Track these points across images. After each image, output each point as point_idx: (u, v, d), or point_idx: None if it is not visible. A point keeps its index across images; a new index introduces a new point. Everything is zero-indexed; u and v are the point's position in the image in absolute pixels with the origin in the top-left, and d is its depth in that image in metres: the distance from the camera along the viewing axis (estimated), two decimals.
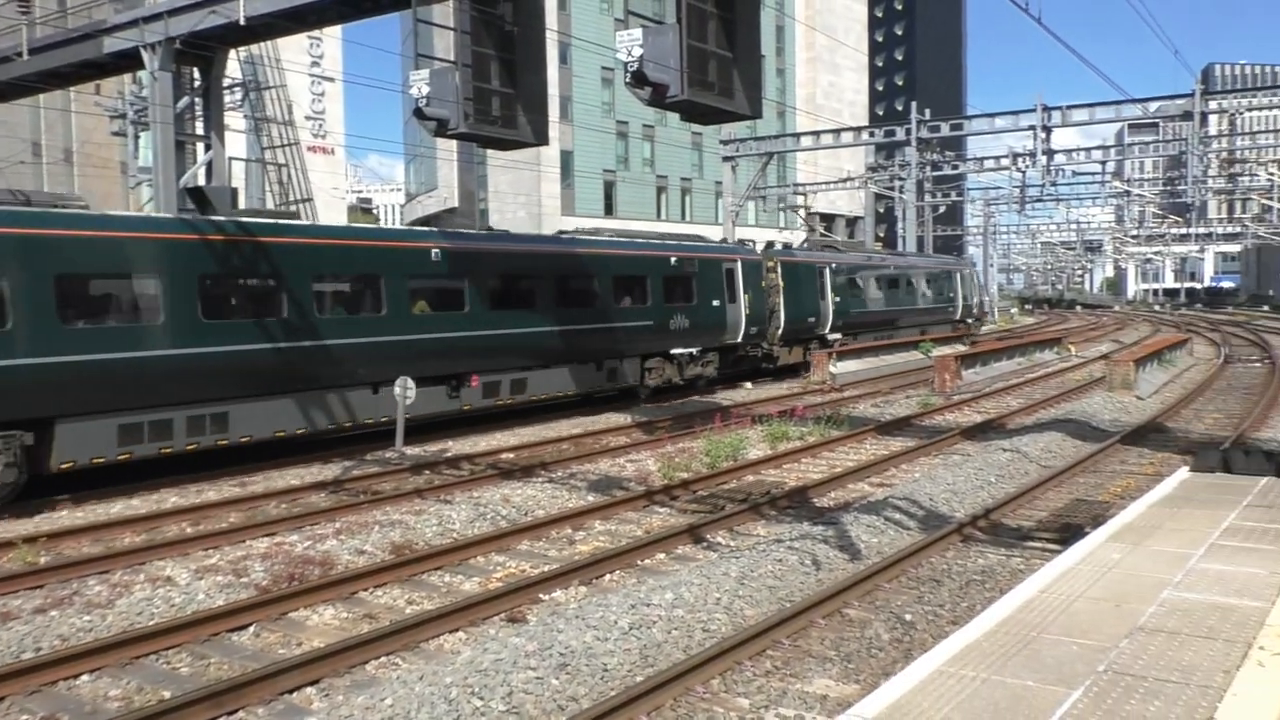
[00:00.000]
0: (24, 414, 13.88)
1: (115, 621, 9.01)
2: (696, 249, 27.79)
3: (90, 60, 20.20)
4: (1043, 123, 37.44)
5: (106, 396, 14.69)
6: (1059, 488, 14.48)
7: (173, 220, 16.49)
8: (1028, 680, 5.57)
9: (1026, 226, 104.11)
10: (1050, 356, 36.98)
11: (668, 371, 26.12)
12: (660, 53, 12.08)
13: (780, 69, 75.69)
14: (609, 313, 23.89)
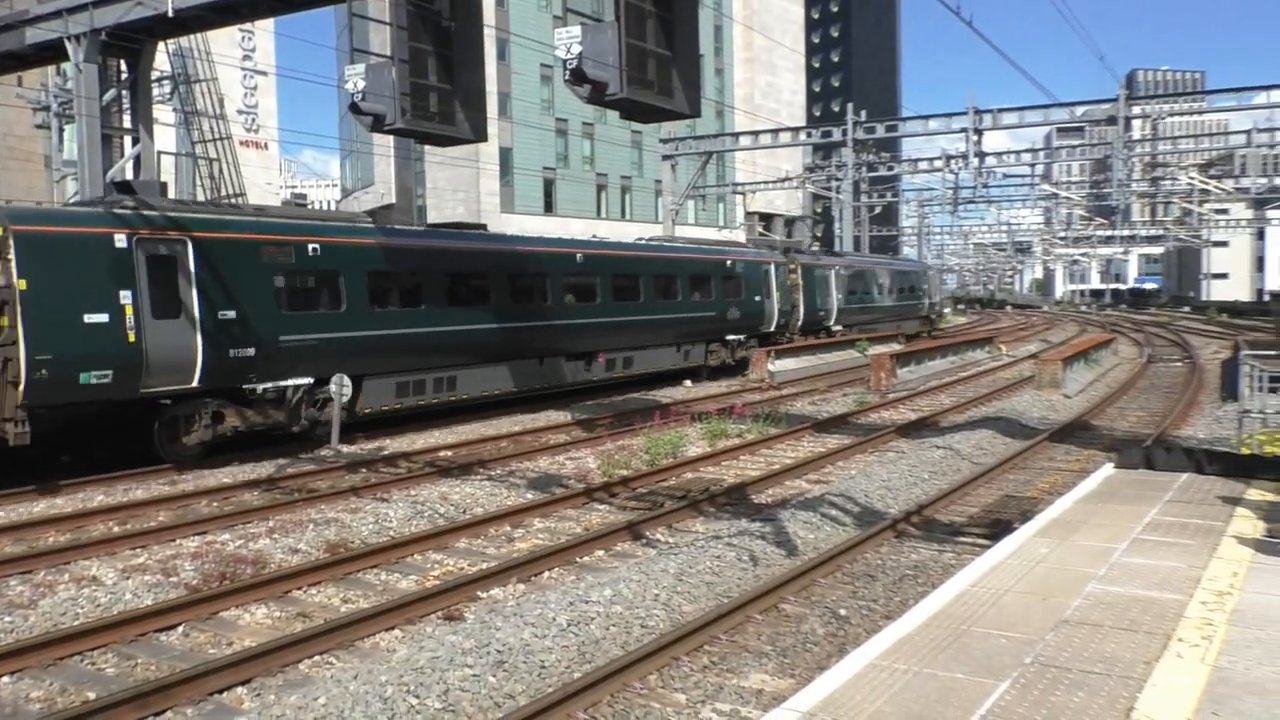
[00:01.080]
0: (350, 372, 18.54)
1: (38, 622, 8.80)
2: (743, 253, 33.91)
3: (12, 51, 19.68)
4: (974, 125, 38.22)
5: (390, 361, 19.70)
6: (989, 484, 14.77)
7: (426, 231, 23.03)
8: (958, 673, 5.68)
9: (959, 227, 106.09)
10: (982, 356, 37.70)
11: (723, 354, 31.50)
12: (599, 50, 12.10)
13: (719, 69, 76.07)
14: (688, 305, 29.48)
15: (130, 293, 15.38)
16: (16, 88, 36.46)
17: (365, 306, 19.12)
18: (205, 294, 16.41)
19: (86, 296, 14.92)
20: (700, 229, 64.10)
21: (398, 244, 20.31)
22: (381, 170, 66.28)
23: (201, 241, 16.46)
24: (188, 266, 16.20)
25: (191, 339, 16.15)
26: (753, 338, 33.05)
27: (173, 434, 16.41)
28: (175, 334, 15.96)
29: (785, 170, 66.64)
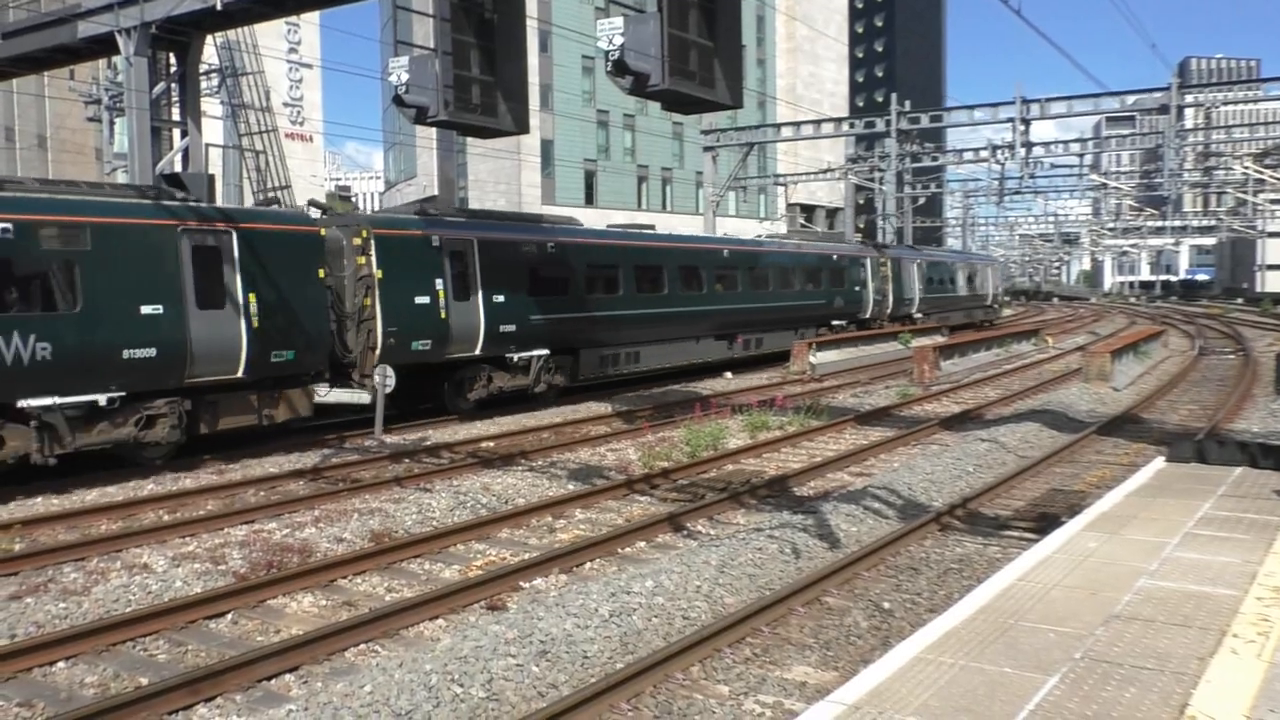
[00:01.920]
0: (569, 347, 23.26)
1: (91, 609, 8.95)
2: (846, 249, 38.95)
3: (64, 45, 20.00)
4: (1021, 115, 37.72)
5: (597, 337, 24.26)
6: (1036, 478, 14.59)
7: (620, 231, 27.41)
8: (1005, 667, 5.62)
9: (1005, 218, 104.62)
10: (1028, 348, 37.24)
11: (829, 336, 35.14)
12: (641, 41, 12.06)
13: (760, 59, 75.70)
14: (805, 295, 34.29)
15: (441, 281, 19.98)
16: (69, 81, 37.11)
17: (583, 294, 23.97)
18: (487, 282, 20.98)
19: (417, 284, 19.47)
20: (741, 221, 63.92)
21: (603, 243, 25.40)
22: (424, 162, 66.73)
23: (483, 242, 21.05)
24: (476, 261, 20.79)
25: (478, 317, 20.75)
26: (853, 323, 37.48)
27: (459, 390, 21.11)
28: (468, 313, 20.53)
29: (827, 161, 66.20)
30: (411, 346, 19.21)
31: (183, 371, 15.63)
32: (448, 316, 19.88)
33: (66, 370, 14.22)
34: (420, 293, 19.44)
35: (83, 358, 14.37)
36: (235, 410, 16.83)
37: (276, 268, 16.98)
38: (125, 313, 14.92)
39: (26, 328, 13.81)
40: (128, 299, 14.96)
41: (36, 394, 13.98)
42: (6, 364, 13.55)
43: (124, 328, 14.87)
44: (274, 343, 16.83)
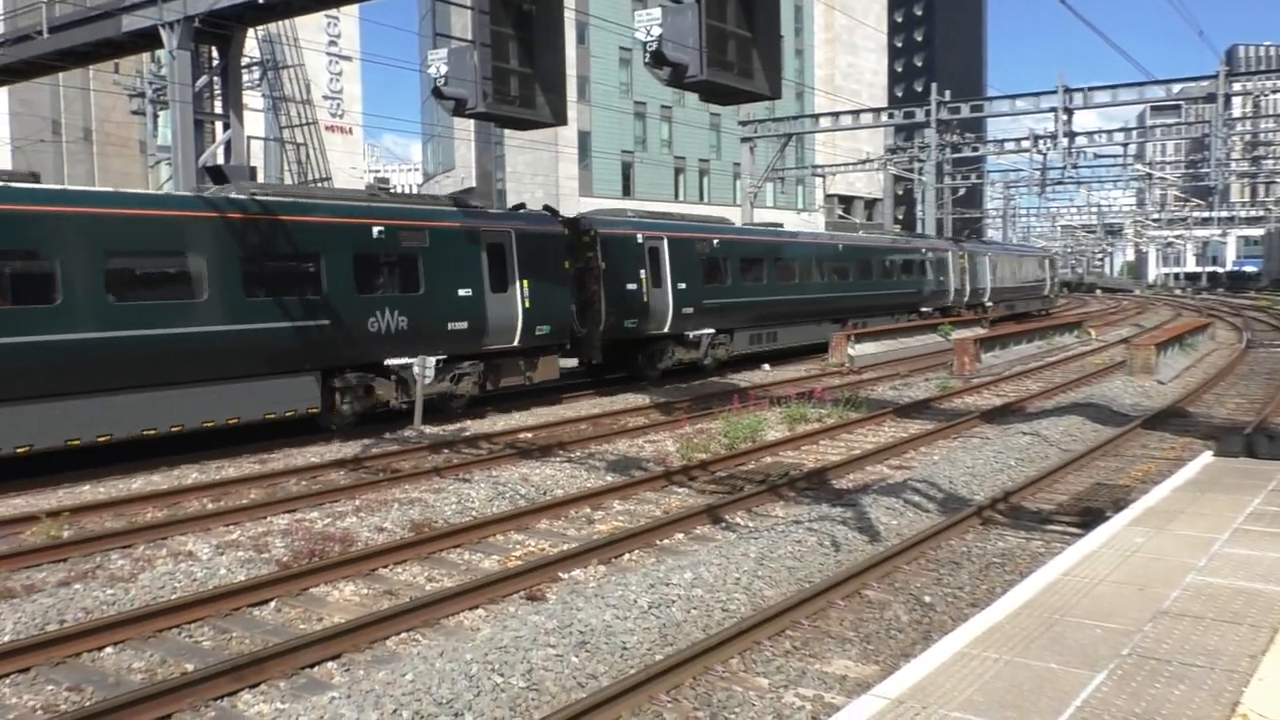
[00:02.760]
0: (727, 327, 27.60)
1: (138, 595, 9.08)
2: (933, 243, 43.40)
3: (109, 39, 20.25)
4: (1064, 104, 37.24)
5: (745, 320, 28.45)
6: (1079, 471, 14.41)
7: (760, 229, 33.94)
8: (1051, 663, 5.55)
9: (1046, 209, 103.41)
10: (1070, 340, 36.79)
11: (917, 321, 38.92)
12: (679, 32, 12.00)
13: (799, 49, 75.23)
14: (902, 283, 38.65)
15: (644, 271, 24.39)
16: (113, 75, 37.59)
17: (739, 283, 28.28)
18: (674, 273, 25.32)
19: (628, 274, 23.94)
20: (778, 212, 63.60)
21: (752, 239, 30.35)
22: (462, 154, 67.01)
23: (671, 240, 25.61)
24: (666, 256, 25.31)
25: (668, 301, 25.10)
26: (936, 309, 41.33)
27: (650, 361, 25.56)
28: (661, 298, 24.98)
29: (866, 152, 65.73)
30: (624, 324, 23.96)
31: (481, 341, 20.03)
32: (648, 300, 24.52)
33: (415, 338, 18.55)
34: (630, 281, 24.03)
35: (425, 328, 18.78)
36: (511, 372, 21.19)
37: (539, 261, 21.19)
38: (450, 295, 19.32)
39: (392, 305, 18.32)
40: (452, 284, 19.33)
41: (396, 355, 18.36)
42: (380, 332, 18.02)
43: (449, 306, 19.31)
44: (538, 320, 21.04)
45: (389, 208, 18.68)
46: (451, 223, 19.64)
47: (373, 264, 18.21)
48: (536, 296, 20.87)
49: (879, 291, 36.49)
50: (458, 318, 19.35)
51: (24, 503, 12.96)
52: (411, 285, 18.70)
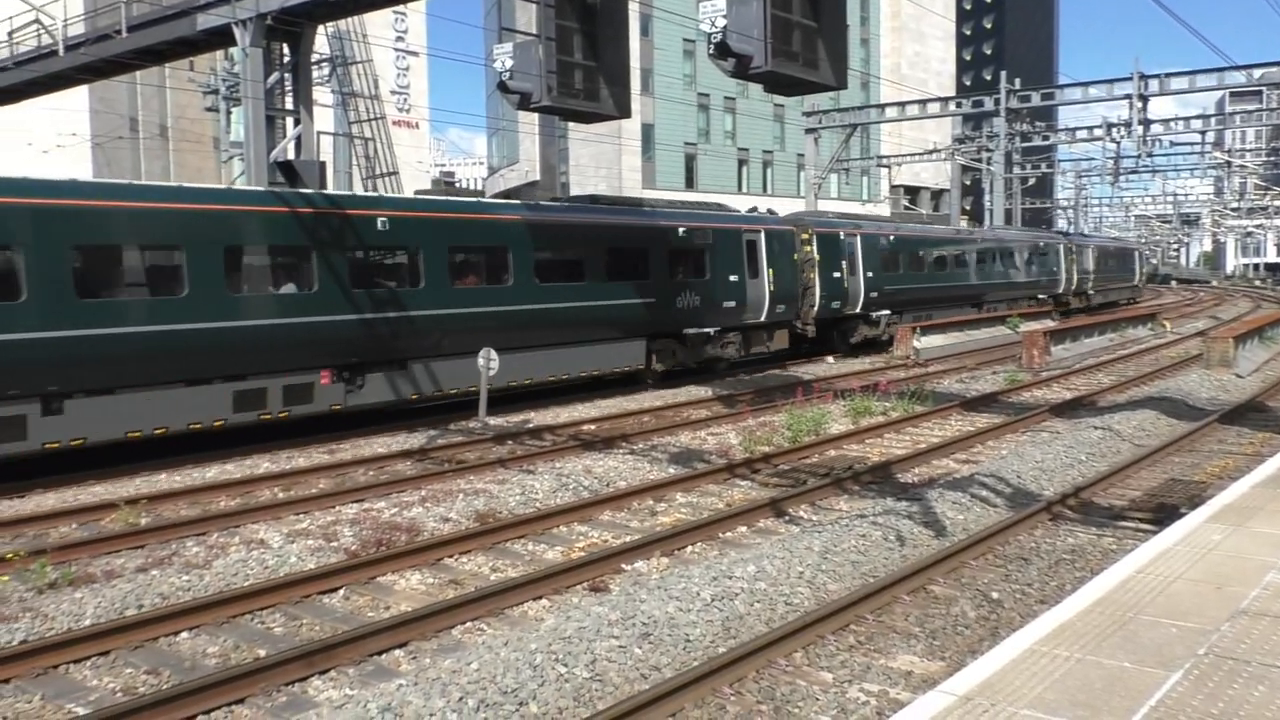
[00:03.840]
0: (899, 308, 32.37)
1: (212, 581, 9.30)
2: (1048, 237, 48.65)
3: (184, 37, 20.70)
4: (1139, 91, 36.33)
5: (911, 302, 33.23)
6: (1153, 467, 14.08)
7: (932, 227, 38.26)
8: (1125, 662, 5.43)
9: (1120, 199, 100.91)
10: (1144, 333, 35.93)
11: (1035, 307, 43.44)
12: (744, 23, 11.93)
13: (865, 39, 74.33)
14: (1022, 273, 42.79)
15: (845, 262, 29.67)
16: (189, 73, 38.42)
17: (909, 271, 33.45)
18: (865, 264, 30.54)
19: (834, 264, 29.27)
20: (844, 203, 62.97)
21: (914, 234, 35.32)
22: (526, 148, 67.32)
23: (863, 236, 30.90)
24: (859, 250, 30.35)
25: (860, 285, 30.31)
26: (1050, 297, 45.58)
27: (843, 336, 30.35)
28: (855, 283, 30.17)
29: (933, 142, 64.73)
30: (830, 305, 29.15)
31: (742, 316, 25.37)
32: (847, 286, 29.71)
33: (703, 313, 24.06)
34: (835, 270, 29.22)
35: (709, 306, 24.23)
36: (758, 342, 26.85)
37: (778, 254, 26.58)
38: (725, 280, 24.70)
39: (690, 288, 23.72)
40: (726, 272, 24.78)
41: (690, 326, 23.94)
42: (683, 308, 23.61)
43: (724, 289, 24.69)
44: (778, 300, 26.53)
45: (686, 212, 24.68)
46: (726, 224, 25.30)
47: (680, 257, 23.72)
48: (778, 282, 26.42)
49: (1008, 280, 41.51)
50: (729, 298, 24.87)
51: (104, 490, 13.35)
52: (701, 273, 24.21)
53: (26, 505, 12.68)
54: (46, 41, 25.03)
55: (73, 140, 45.64)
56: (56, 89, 28.37)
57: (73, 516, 11.89)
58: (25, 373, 13.41)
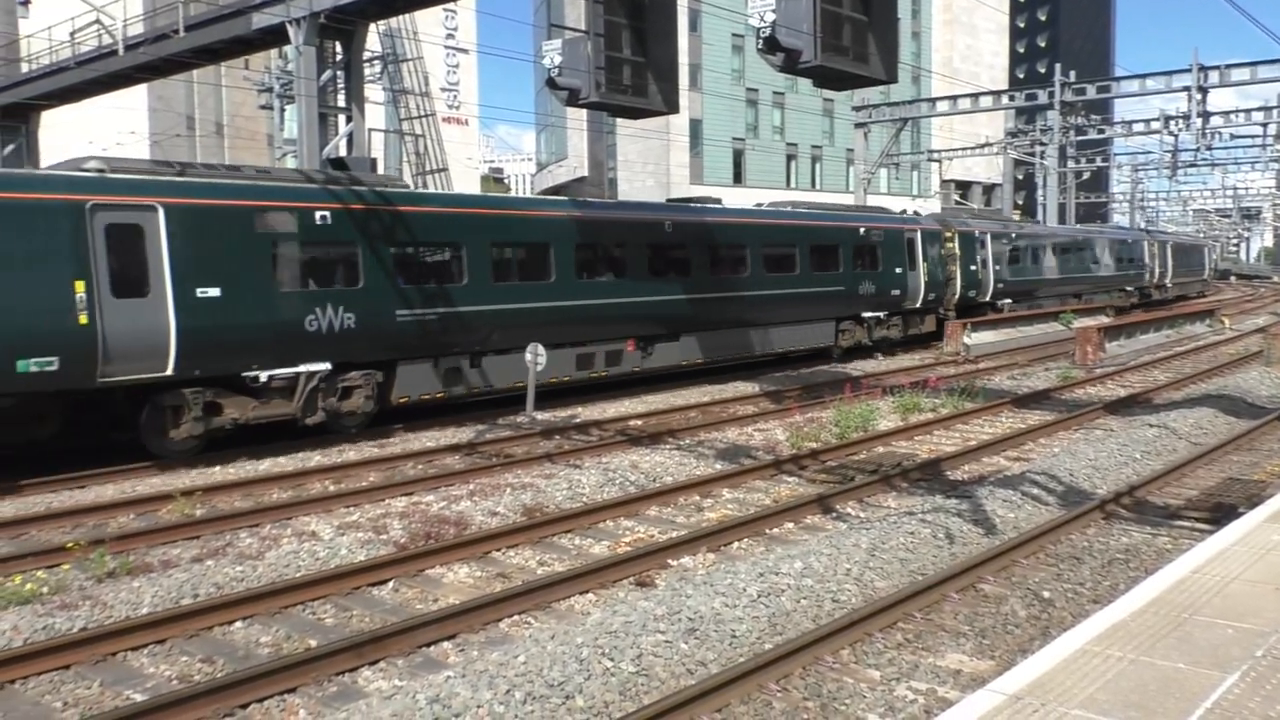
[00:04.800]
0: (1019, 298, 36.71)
1: (265, 572, 9.45)
2: (1135, 233, 53.51)
3: (240, 36, 21.07)
4: (1198, 83, 35.60)
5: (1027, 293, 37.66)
6: (1210, 465, 13.81)
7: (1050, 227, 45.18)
8: (1179, 663, 5.34)
9: (1177, 193, 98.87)
10: (1201, 329, 35.21)
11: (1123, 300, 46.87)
12: (793, 17, 11.87)
13: (916, 32, 73.56)
14: (1119, 267, 47.11)
15: (980, 258, 33.93)
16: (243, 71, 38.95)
17: (1027, 265, 37.64)
18: (994, 259, 34.70)
19: (970, 257, 33.33)
20: (893, 198, 62.43)
21: (1032, 232, 39.89)
22: (574, 144, 67.52)
23: (992, 234, 34.73)
24: (989, 246, 34.40)
25: (990, 277, 34.43)
26: (1136, 290, 49.12)
27: (915, 324, 30.99)
28: (987, 275, 34.37)
29: (985, 136, 63.93)
30: (968, 294, 33.09)
31: (903, 303, 29.62)
32: (981, 278, 33.98)
33: (875, 299, 28.38)
34: (971, 264, 33.40)
35: (881, 293, 28.53)
36: (913, 325, 30.61)
37: (929, 250, 30.76)
38: (893, 271, 29.03)
39: (868, 279, 28.07)
40: (893, 265, 29.03)
41: (866, 310, 28.34)
42: (863, 295, 27.83)
43: (891, 279, 28.98)
44: (930, 289, 30.68)
45: (864, 215, 29.48)
46: (893, 225, 29.74)
47: (861, 253, 27.96)
48: (930, 274, 30.62)
49: (1103, 274, 45.30)
50: (895, 287, 29.13)
51: (160, 482, 13.62)
52: (875, 266, 28.36)
53: (87, 495, 12.98)
54: (107, 42, 25.58)
55: (132, 138, 46.56)
56: (116, 88, 28.98)
57: (130, 507, 12.15)
58: (465, 336, 18.07)
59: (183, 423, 14.60)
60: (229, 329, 14.69)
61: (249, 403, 15.34)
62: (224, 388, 15.06)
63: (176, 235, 14.19)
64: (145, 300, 13.86)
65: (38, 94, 30.23)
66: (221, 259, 14.72)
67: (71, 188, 13.51)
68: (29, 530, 11.28)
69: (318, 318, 15.84)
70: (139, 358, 13.74)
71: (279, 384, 15.56)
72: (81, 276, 13.27)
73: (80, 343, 13.20)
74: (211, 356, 14.57)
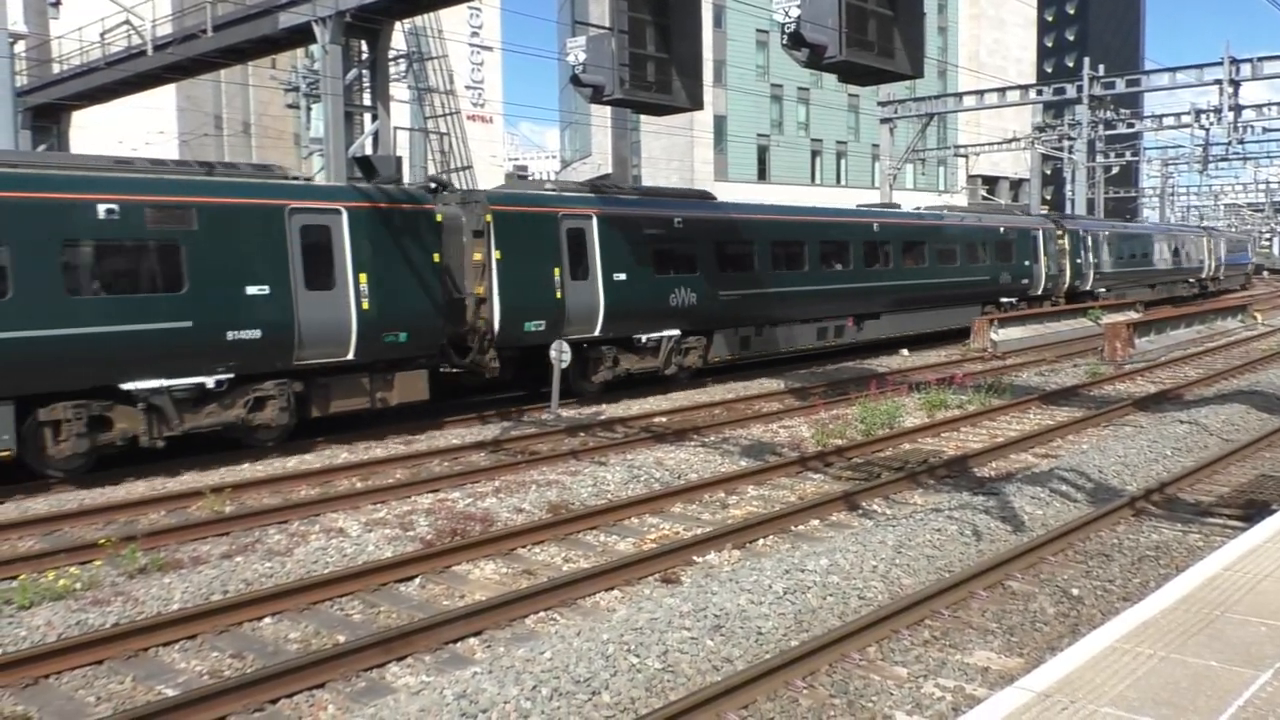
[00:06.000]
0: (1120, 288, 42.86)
1: (293, 569, 9.52)
2: (1195, 230, 58.81)
3: (267, 35, 21.20)
4: (1230, 76, 35.18)
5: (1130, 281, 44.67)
6: (1242, 462, 13.66)
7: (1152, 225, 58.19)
8: (1210, 660, 5.29)
9: (1208, 188, 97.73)
10: (1233, 324, 34.81)
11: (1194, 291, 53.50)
12: (818, 12, 11.83)
13: (942, 26, 73.09)
14: (1186, 261, 52.24)
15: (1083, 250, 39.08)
16: (270, 70, 39.25)
17: (1115, 258, 42.22)
18: (1095, 251, 39.89)
19: (1077, 252, 38.52)
20: (919, 194, 62.07)
21: (1118, 230, 44.24)
22: (599, 141, 67.52)
23: (1091, 232, 40.14)
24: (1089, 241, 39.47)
25: (1091, 268, 39.51)
26: (1195, 280, 54.37)
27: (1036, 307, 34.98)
28: (1089, 267, 39.32)
29: (1012, 131, 63.40)
30: (1074, 283, 38.30)
31: (1029, 290, 34.76)
32: (1085, 270, 39.09)
33: (1009, 287, 33.69)
34: (1079, 257, 38.60)
35: (1013, 281, 33.89)
36: (1035, 305, 34.62)
37: (1047, 245, 35.82)
38: (1022, 263, 34.39)
39: (1004, 270, 33.33)
40: (1023, 258, 34.43)
41: (1003, 296, 33.79)
42: (1001, 283, 33.23)
43: (1020, 270, 34.25)
44: (1048, 279, 35.96)
45: (1003, 216, 35.68)
46: (1021, 224, 35.21)
47: (1000, 248, 33.27)
48: (1048, 266, 36.08)
49: (1173, 267, 50.28)
50: (1024, 277, 34.62)
51: (190, 479, 13.74)
52: (1009, 259, 33.73)
53: (118, 492, 13.11)
54: (136, 42, 25.81)
55: (161, 138, 46.98)
56: (145, 88, 29.24)
57: (162, 504, 12.27)
58: (755, 311, 23.44)
59: (601, 370, 20.32)
60: (631, 304, 20.42)
61: (634, 358, 20.94)
62: (622, 347, 20.63)
63: (606, 235, 20.09)
64: (585, 283, 19.63)
65: (69, 94, 30.54)
66: (625, 254, 20.45)
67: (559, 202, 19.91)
68: (62, 527, 11.43)
69: (675, 296, 21.36)
70: (583, 321, 19.60)
71: (650, 345, 21.15)
72: (558, 265, 19.19)
73: (558, 311, 19.15)
74: (619, 324, 20.30)
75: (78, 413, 13.33)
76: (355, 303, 15.92)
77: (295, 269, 15.23)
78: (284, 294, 15.09)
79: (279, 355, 15.11)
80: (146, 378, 13.77)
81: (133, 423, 13.91)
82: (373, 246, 16.22)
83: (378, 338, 16.20)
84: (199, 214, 14.32)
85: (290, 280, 15.16)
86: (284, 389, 15.31)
